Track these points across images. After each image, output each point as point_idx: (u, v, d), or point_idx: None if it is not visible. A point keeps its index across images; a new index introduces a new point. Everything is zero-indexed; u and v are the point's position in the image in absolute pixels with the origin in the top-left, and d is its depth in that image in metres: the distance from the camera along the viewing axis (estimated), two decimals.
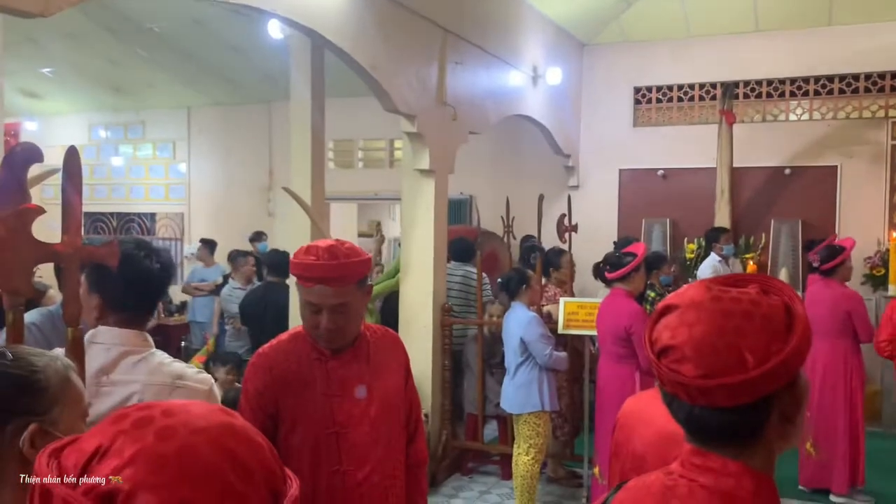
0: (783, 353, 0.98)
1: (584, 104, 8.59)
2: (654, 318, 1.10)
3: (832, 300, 5.01)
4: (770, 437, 1.03)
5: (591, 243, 6.95)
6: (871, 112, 7.56)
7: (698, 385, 0.99)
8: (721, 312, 1.01)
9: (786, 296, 1.04)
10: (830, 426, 5.02)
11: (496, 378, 5.41)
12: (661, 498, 1.06)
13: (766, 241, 7.73)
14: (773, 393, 1.00)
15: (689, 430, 1.07)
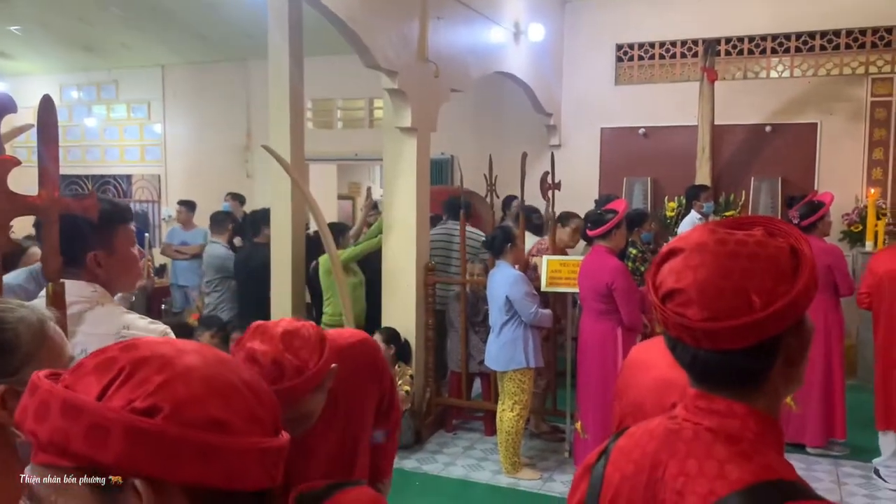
0: (790, 295, 0.97)
1: (566, 62, 8.51)
2: (657, 263, 1.08)
3: (815, 254, 5.06)
4: (775, 380, 1.03)
5: (574, 202, 6.94)
6: (852, 69, 7.57)
7: (704, 328, 0.98)
8: (726, 255, 1.00)
9: (792, 237, 1.03)
10: (808, 381, 5.10)
11: (480, 336, 5.44)
12: (666, 442, 1.06)
13: (747, 199, 7.77)
14: (779, 335, 0.99)
15: (693, 373, 1.06)
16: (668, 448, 1.05)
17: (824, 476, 4.82)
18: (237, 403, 0.77)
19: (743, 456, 0.98)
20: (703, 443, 1.02)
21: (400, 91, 5.25)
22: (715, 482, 0.97)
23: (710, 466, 0.98)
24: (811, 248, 1.03)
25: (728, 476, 0.96)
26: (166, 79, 10.40)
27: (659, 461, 1.05)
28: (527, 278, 4.87)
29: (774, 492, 0.93)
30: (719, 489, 0.96)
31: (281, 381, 1.61)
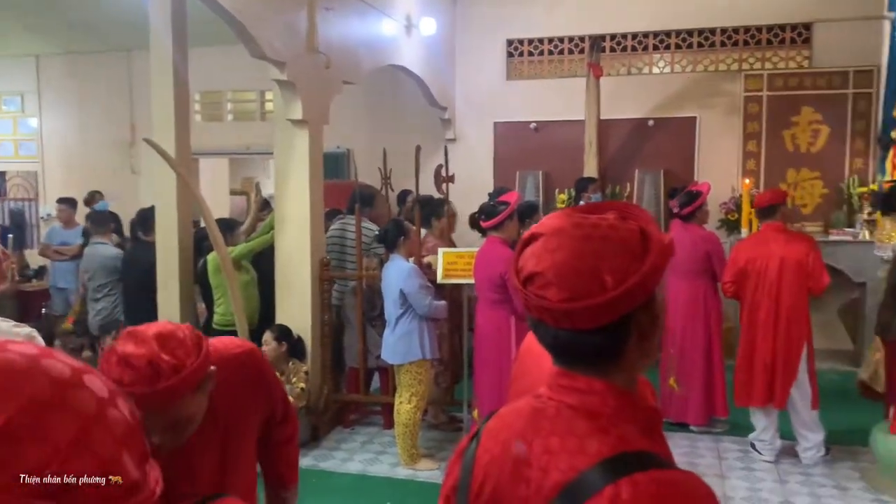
0: (640, 273, 1.02)
1: (459, 56, 8.60)
2: (519, 248, 1.12)
3: (692, 243, 5.31)
4: (631, 356, 1.08)
5: (468, 195, 7.03)
6: (727, 65, 8.00)
7: (563, 308, 1.02)
8: (582, 237, 1.04)
9: (642, 220, 1.08)
10: (690, 362, 5.37)
11: (377, 330, 5.43)
12: (531, 420, 1.09)
13: (632, 191, 8.09)
14: (632, 312, 1.04)
15: (555, 353, 1.10)
16: (534, 426, 1.08)
17: (707, 452, 5.09)
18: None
19: (602, 430, 1.03)
20: (565, 419, 1.06)
21: (289, 82, 5.15)
22: (576, 457, 1.00)
23: (572, 442, 1.02)
24: (659, 230, 1.08)
25: (587, 450, 1.00)
26: (41, 70, 9.81)
27: (524, 440, 1.08)
28: (420, 271, 4.89)
29: (629, 462, 0.98)
30: (579, 463, 0.99)
31: (157, 382, 1.55)
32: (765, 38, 7.87)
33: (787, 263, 4.70)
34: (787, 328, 4.73)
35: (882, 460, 4.46)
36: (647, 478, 0.96)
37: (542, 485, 1.02)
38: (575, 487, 0.98)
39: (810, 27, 7.69)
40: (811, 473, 4.70)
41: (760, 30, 7.86)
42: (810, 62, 7.71)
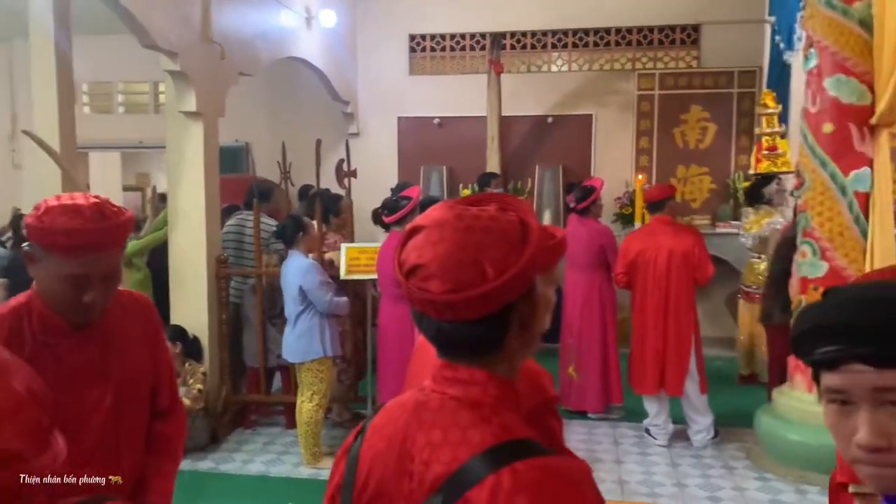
0: (519, 264, 1.03)
1: (361, 50, 8.53)
2: (402, 241, 1.11)
3: (588, 236, 5.47)
4: (512, 346, 1.09)
5: (373, 190, 7.00)
6: (621, 64, 8.27)
7: (445, 300, 1.02)
8: (463, 229, 1.05)
9: (521, 212, 1.09)
10: (587, 352, 5.53)
11: (277, 328, 5.32)
12: (415, 413, 1.09)
13: (533, 185, 8.25)
14: (512, 302, 1.05)
15: (438, 345, 1.10)
16: (417, 420, 1.08)
17: (604, 439, 5.25)
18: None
19: (484, 420, 1.03)
20: (448, 411, 1.06)
21: (182, 73, 4.97)
22: (458, 448, 1.01)
23: (454, 434, 1.03)
24: (538, 221, 1.10)
25: (470, 441, 1.01)
26: None
27: (408, 434, 1.08)
28: (320, 267, 4.82)
29: (511, 451, 0.99)
30: (461, 455, 1.00)
31: (106, 220, 1.71)
32: (656, 39, 8.18)
33: (675, 255, 4.91)
34: (676, 317, 4.94)
35: (765, 440, 4.73)
36: (528, 465, 0.97)
37: (425, 478, 1.02)
38: (457, 479, 0.99)
39: (698, 29, 8.04)
40: (701, 455, 4.92)
41: (652, 30, 8.16)
42: (699, 62, 8.07)
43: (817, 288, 4.41)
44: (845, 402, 0.99)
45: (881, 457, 0.97)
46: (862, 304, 0.97)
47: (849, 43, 4.26)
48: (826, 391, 1.01)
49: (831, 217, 4.39)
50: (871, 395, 0.96)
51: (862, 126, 4.31)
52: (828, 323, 0.98)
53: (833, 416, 1.02)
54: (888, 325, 0.94)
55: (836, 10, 4.28)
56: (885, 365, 0.94)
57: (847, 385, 0.97)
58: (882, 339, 0.94)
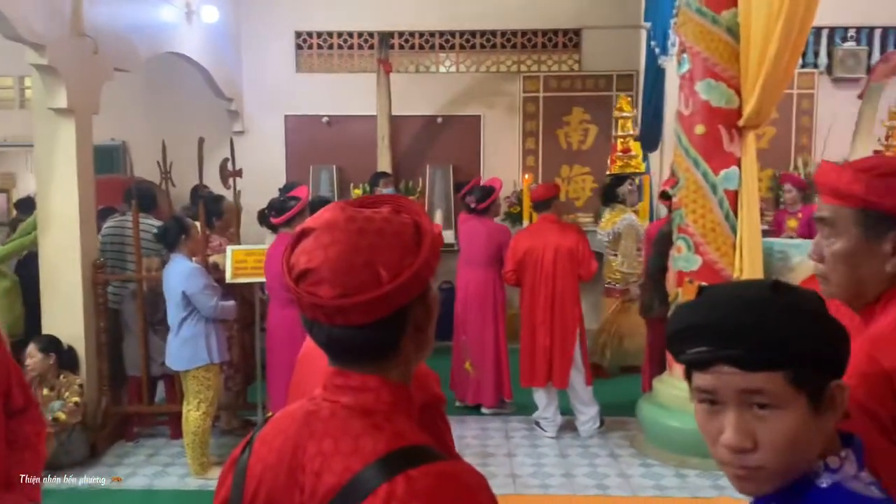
0: (414, 266, 1.02)
1: (246, 47, 8.31)
2: (291, 244, 1.08)
3: (486, 234, 5.59)
4: (407, 350, 1.07)
5: (260, 191, 6.81)
6: (507, 67, 8.44)
7: (336, 305, 1.00)
8: (355, 231, 1.02)
9: (415, 213, 1.08)
10: (481, 348, 5.62)
11: (160, 336, 5.09)
12: (305, 423, 1.06)
13: (424, 185, 8.29)
14: (407, 305, 1.04)
15: (330, 352, 1.08)
16: (308, 430, 1.05)
17: (496, 433, 5.34)
18: None
19: (376, 428, 1.01)
20: (340, 420, 1.04)
21: (51, 68, 4.68)
22: (350, 458, 0.99)
23: (346, 443, 1.00)
24: (431, 223, 1.10)
25: (362, 450, 0.99)
26: None
27: (299, 445, 1.04)
28: (204, 270, 4.66)
29: (404, 458, 0.98)
30: (354, 464, 0.98)
31: None
32: (540, 42, 8.40)
33: (561, 252, 5.07)
34: (563, 312, 5.10)
35: (647, 428, 4.95)
36: (422, 472, 0.96)
37: (317, 490, 0.99)
38: (349, 490, 0.97)
39: (579, 33, 8.31)
40: (588, 445, 5.10)
41: (536, 34, 8.37)
42: (580, 66, 8.35)
43: (692, 281, 4.66)
44: (714, 403, 1.01)
45: (745, 458, 0.99)
46: (730, 305, 0.99)
47: (718, 49, 4.52)
48: (696, 391, 1.03)
49: (704, 214, 4.64)
50: (737, 397, 0.98)
51: (731, 128, 4.59)
52: (698, 323, 1.00)
53: (702, 416, 1.04)
54: (755, 327, 0.97)
55: (706, 18, 4.53)
56: (751, 367, 0.96)
57: (715, 386, 0.99)
58: (749, 342, 0.96)
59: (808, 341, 0.98)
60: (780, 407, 0.97)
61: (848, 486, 1.00)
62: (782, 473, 1.00)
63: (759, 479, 1.01)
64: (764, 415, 0.98)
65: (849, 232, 1.37)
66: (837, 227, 1.39)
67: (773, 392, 0.97)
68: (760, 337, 0.97)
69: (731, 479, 1.04)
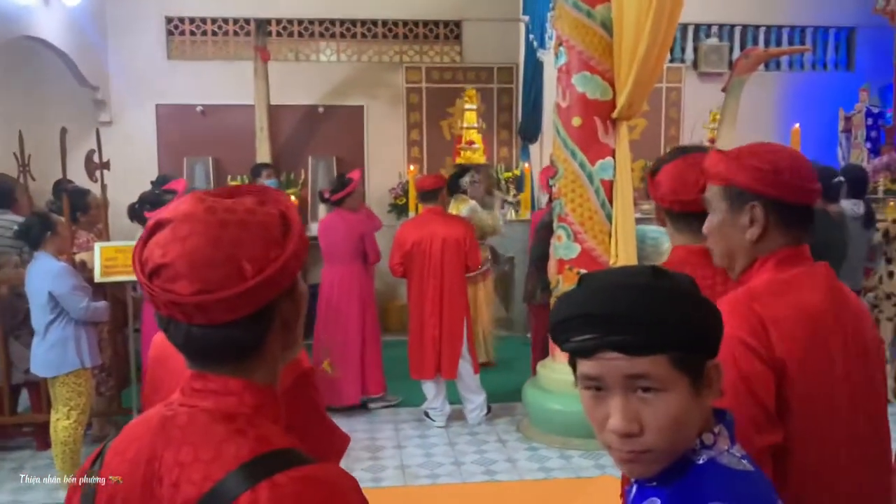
0: (281, 260, 0.97)
1: (112, 32, 7.85)
2: (143, 237, 1.00)
3: (346, 227, 5.41)
4: (273, 349, 1.02)
5: (130, 184, 6.46)
6: (389, 57, 8.40)
7: (195, 302, 0.94)
8: (217, 223, 0.96)
9: (282, 205, 1.03)
10: (346, 345, 5.39)
11: (22, 341, 4.75)
12: (161, 430, 0.99)
13: (306, 177, 8.13)
14: (273, 301, 0.99)
15: (188, 353, 1.01)
16: (164, 438, 0.98)
17: (384, 426, 5.33)
18: None
19: (239, 433, 0.96)
20: (199, 426, 0.97)
21: None
22: (211, 466, 0.93)
23: (206, 450, 0.94)
24: (298, 215, 1.05)
25: (224, 456, 0.93)
26: None
27: (155, 455, 0.97)
28: (73, 270, 4.38)
29: (269, 463, 0.93)
30: (215, 472, 0.92)
31: None
32: (422, 33, 8.41)
33: (448, 243, 5.09)
34: (451, 303, 5.13)
35: (532, 413, 5.08)
36: (289, 477, 0.91)
37: (175, 502, 0.93)
38: (210, 499, 0.91)
39: (460, 25, 8.38)
40: (476, 432, 5.17)
41: (417, 24, 8.37)
42: (461, 58, 8.42)
43: (572, 268, 4.81)
44: (599, 389, 1.02)
45: (632, 442, 1.01)
46: (613, 292, 1.01)
47: (593, 43, 4.67)
48: (582, 378, 1.04)
49: (581, 203, 4.79)
50: (623, 382, 1.00)
51: (605, 119, 4.75)
52: (581, 312, 1.01)
53: (588, 402, 1.05)
54: (638, 312, 0.98)
55: (581, 12, 4.66)
56: (636, 353, 0.98)
57: (601, 372, 1.01)
58: (633, 327, 0.98)
59: (688, 324, 1.00)
60: (664, 390, 1.00)
61: (721, 460, 1.04)
62: (668, 454, 1.03)
63: (646, 462, 1.03)
64: (649, 398, 1.00)
65: (719, 208, 1.57)
66: (712, 204, 1.59)
67: (658, 375, 0.99)
68: (644, 322, 0.98)
69: (618, 462, 1.06)
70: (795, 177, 1.49)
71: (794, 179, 1.49)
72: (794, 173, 1.49)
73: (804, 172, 1.50)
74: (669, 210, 2.04)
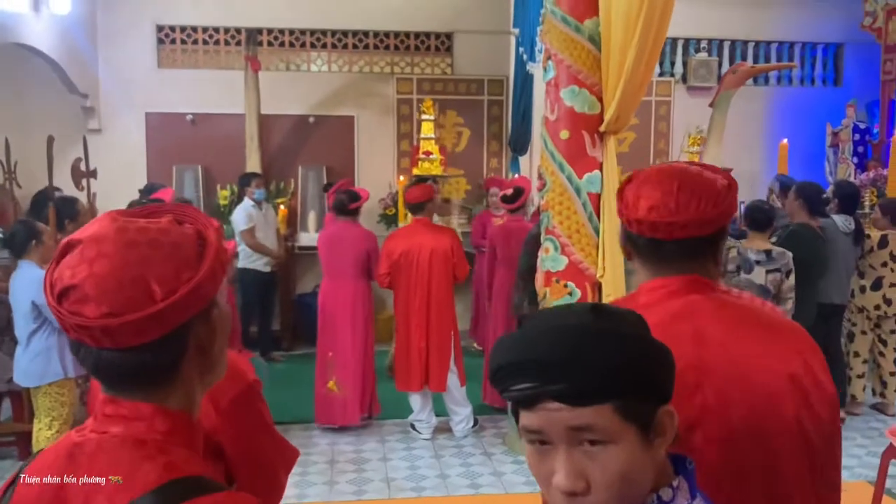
0: (194, 281, 0.94)
1: (103, 40, 7.84)
2: (55, 258, 0.97)
3: (352, 241, 5.32)
4: (188, 373, 1.00)
5: (118, 192, 6.43)
6: (380, 68, 8.41)
7: (103, 325, 0.91)
8: (126, 243, 0.94)
9: (200, 224, 1.01)
10: (349, 363, 5.27)
11: (5, 350, 4.72)
12: (69, 458, 0.97)
13: (296, 186, 8.12)
14: (186, 324, 0.96)
15: (99, 377, 0.98)
16: (72, 465, 0.96)
17: (370, 438, 5.30)
18: None
19: (147, 459, 0.94)
20: (108, 452, 0.95)
21: None
22: (117, 494, 0.91)
23: (113, 477, 0.93)
24: (218, 235, 1.02)
25: (130, 484, 0.91)
26: None
27: (63, 483, 0.95)
28: None
29: (178, 490, 0.91)
30: (121, 500, 0.90)
31: None
32: (413, 45, 8.43)
33: (437, 255, 5.08)
34: (439, 315, 5.12)
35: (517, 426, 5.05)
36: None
37: None
38: None
39: (451, 37, 8.41)
40: (463, 445, 5.16)
41: (409, 36, 8.39)
42: (452, 69, 8.44)
43: (559, 280, 4.81)
44: (543, 443, 0.95)
45: (578, 501, 0.92)
46: (551, 337, 0.92)
47: (581, 57, 4.68)
48: (523, 431, 0.96)
49: (569, 216, 4.80)
50: (566, 435, 0.92)
51: (593, 133, 4.76)
52: (518, 359, 0.93)
53: (532, 458, 0.97)
54: (578, 358, 0.90)
55: (569, 27, 4.68)
56: (578, 402, 0.90)
57: (542, 425, 0.93)
58: (573, 375, 0.90)
59: (632, 369, 0.92)
60: (610, 441, 0.92)
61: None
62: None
63: None
64: (594, 451, 0.92)
65: None
66: None
67: (603, 427, 0.91)
68: (584, 368, 0.90)
69: None
70: (627, 205, 1.43)
71: (624, 208, 1.42)
72: (631, 202, 1.42)
73: (642, 202, 1.40)
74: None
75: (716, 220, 1.37)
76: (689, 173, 1.40)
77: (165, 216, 0.99)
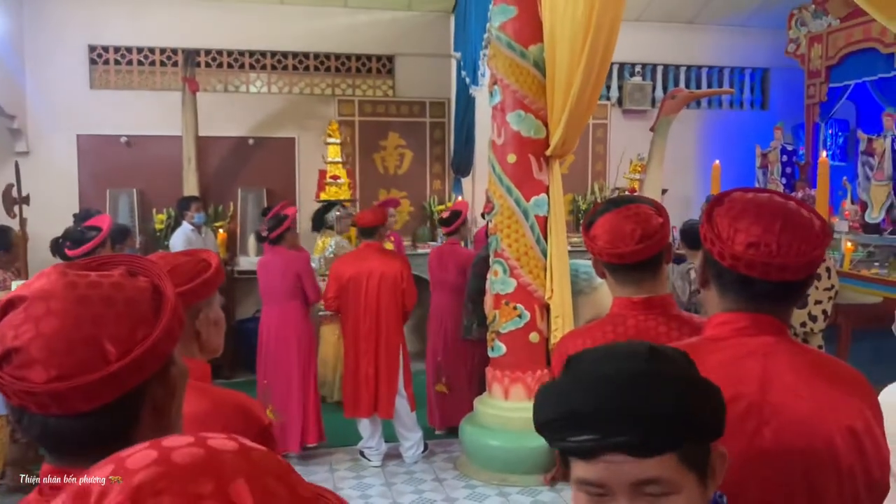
0: (150, 339, 0.89)
1: (31, 60, 7.56)
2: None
3: (283, 265, 5.18)
4: (143, 437, 0.92)
5: (50, 217, 6.18)
6: (321, 89, 8.36)
7: (51, 390, 0.84)
8: (77, 300, 0.87)
9: (154, 276, 0.95)
10: (286, 390, 5.15)
11: None
12: None
13: (235, 210, 7.97)
14: (141, 385, 0.89)
15: (47, 446, 0.91)
16: None
17: (318, 467, 5.19)
18: None
19: None
20: None
21: None
22: None
23: None
24: (173, 287, 0.96)
25: None
26: None
27: None
28: None
29: None
30: None
31: None
32: (354, 66, 8.41)
33: (386, 280, 5.02)
34: (387, 340, 5.05)
35: (469, 449, 5.04)
36: None
37: None
38: None
39: (393, 59, 8.42)
40: (414, 471, 5.10)
41: (350, 58, 8.37)
42: (394, 91, 8.45)
43: (509, 303, 4.84)
44: (602, 495, 0.90)
45: None
46: (607, 385, 0.88)
47: (526, 82, 4.76)
48: (580, 482, 0.91)
49: (517, 238, 4.85)
50: (630, 489, 0.88)
51: (539, 157, 4.84)
52: (576, 409, 0.88)
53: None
54: (645, 408, 0.85)
55: (515, 52, 4.75)
56: (643, 454, 0.86)
57: (604, 478, 0.88)
58: (637, 425, 0.85)
59: (694, 415, 0.88)
60: (673, 492, 0.89)
61: None
62: None
63: None
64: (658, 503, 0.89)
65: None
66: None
67: (668, 478, 0.88)
68: (648, 418, 0.85)
69: None
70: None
71: (716, 238, 1.38)
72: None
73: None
74: (608, 263, 1.94)
75: (813, 263, 1.31)
76: (791, 212, 1.33)
77: (118, 268, 0.92)
